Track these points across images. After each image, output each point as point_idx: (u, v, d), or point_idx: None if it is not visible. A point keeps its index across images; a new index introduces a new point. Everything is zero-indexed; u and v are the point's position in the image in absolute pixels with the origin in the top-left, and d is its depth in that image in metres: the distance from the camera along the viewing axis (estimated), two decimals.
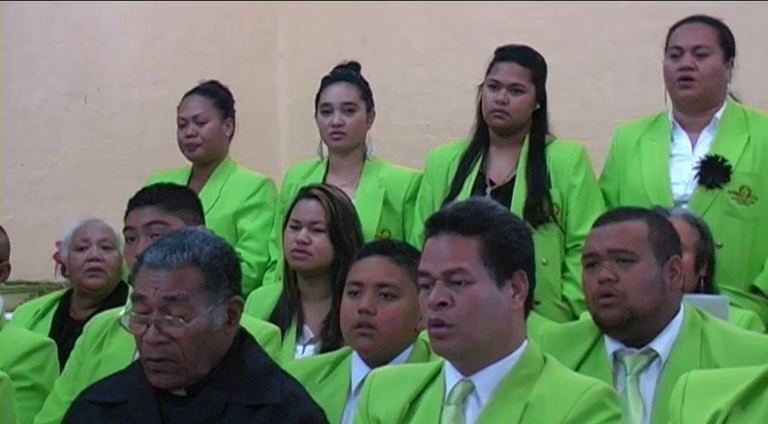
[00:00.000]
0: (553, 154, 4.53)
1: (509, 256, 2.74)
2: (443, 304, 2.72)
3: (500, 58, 4.55)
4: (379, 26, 6.24)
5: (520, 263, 2.75)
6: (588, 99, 5.86)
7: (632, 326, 3.18)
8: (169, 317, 2.81)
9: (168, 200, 3.62)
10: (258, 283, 4.73)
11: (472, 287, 2.72)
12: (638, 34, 5.46)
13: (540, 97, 4.56)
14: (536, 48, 4.77)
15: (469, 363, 2.75)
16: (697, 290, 3.81)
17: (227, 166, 4.99)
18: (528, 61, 4.54)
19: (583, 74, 5.90)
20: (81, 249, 4.76)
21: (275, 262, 4.72)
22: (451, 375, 2.79)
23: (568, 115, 5.55)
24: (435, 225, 2.78)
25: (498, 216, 2.76)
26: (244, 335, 2.95)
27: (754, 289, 4.34)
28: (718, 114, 4.47)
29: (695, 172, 4.40)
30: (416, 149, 5.35)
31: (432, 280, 2.74)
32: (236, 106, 5.09)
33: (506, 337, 2.75)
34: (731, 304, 3.92)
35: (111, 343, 3.57)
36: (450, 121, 5.42)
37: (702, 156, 4.40)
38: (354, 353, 3.34)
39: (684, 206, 4.33)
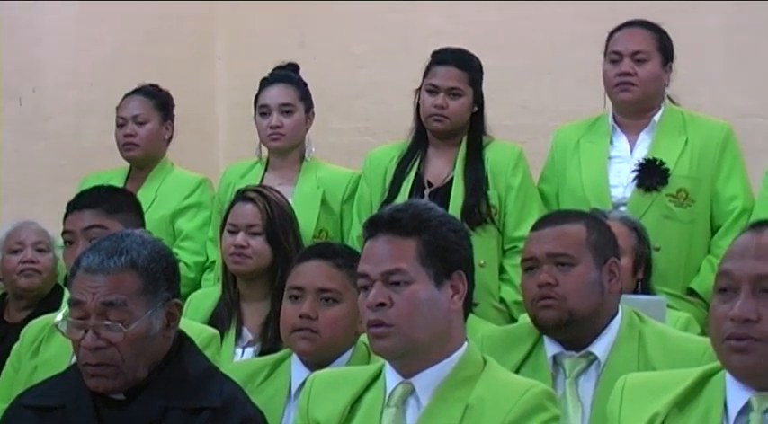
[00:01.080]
0: (491, 155, 4.55)
1: (447, 257, 2.75)
2: (382, 304, 2.72)
3: (437, 62, 4.58)
4: (319, 29, 6.24)
5: (458, 264, 2.76)
6: (527, 102, 5.88)
7: (571, 328, 3.20)
8: (107, 322, 2.79)
9: (108, 204, 3.60)
10: (197, 283, 4.72)
11: (411, 287, 2.72)
12: (576, 38, 5.49)
13: (478, 99, 4.59)
14: (475, 52, 4.79)
15: (409, 364, 2.76)
16: (635, 293, 3.84)
17: (164, 168, 4.98)
18: (465, 64, 4.57)
19: (522, 77, 5.92)
20: (15, 251, 4.73)
21: (213, 262, 4.71)
22: (391, 378, 2.79)
23: (507, 118, 5.58)
24: (374, 226, 2.79)
25: (436, 218, 2.77)
26: (183, 338, 2.93)
27: (691, 292, 4.39)
28: (657, 117, 4.51)
29: (633, 174, 4.44)
30: (355, 151, 5.34)
31: (371, 281, 2.74)
32: (174, 108, 5.07)
33: (446, 338, 2.76)
34: (668, 306, 3.97)
35: (48, 348, 3.53)
36: (388, 124, 5.42)
37: (641, 159, 4.44)
38: (294, 356, 3.34)
39: (623, 208, 4.37)
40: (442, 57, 4.58)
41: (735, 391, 2.53)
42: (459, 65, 4.55)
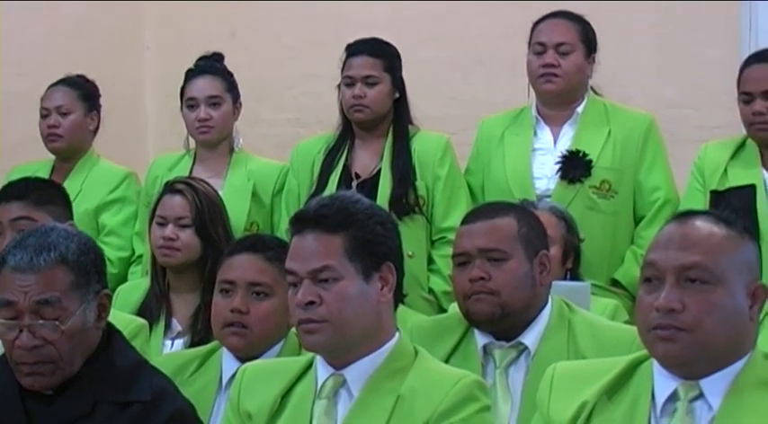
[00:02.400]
0: (418, 146, 4.56)
1: (375, 250, 2.75)
2: (312, 302, 2.72)
3: (351, 54, 4.58)
4: (249, 19, 6.21)
5: (387, 256, 2.76)
6: (458, 93, 5.91)
7: (503, 321, 3.22)
8: (42, 321, 2.77)
9: (36, 195, 3.57)
10: (120, 279, 4.68)
11: (339, 283, 2.72)
12: (506, 30, 5.51)
13: (398, 85, 4.59)
14: (405, 43, 4.80)
15: (340, 356, 2.76)
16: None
17: (90, 160, 4.92)
18: (378, 52, 4.57)
19: (452, 68, 5.94)
20: None
21: (140, 256, 4.68)
22: (323, 369, 2.79)
23: (438, 109, 5.60)
24: (300, 222, 2.78)
25: (362, 211, 2.77)
26: (111, 331, 2.92)
27: (615, 282, 4.42)
28: (580, 109, 4.54)
29: (557, 166, 4.46)
30: (286, 143, 5.32)
31: (299, 279, 2.74)
32: (103, 99, 5.03)
33: (377, 330, 2.76)
34: (594, 294, 4.01)
35: None
36: (320, 115, 5.41)
37: (564, 151, 4.46)
38: (224, 347, 3.33)
39: (548, 199, 4.38)
40: (355, 49, 4.59)
41: (662, 379, 2.56)
42: (372, 53, 4.56)
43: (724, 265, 2.52)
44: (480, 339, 3.25)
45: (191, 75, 4.76)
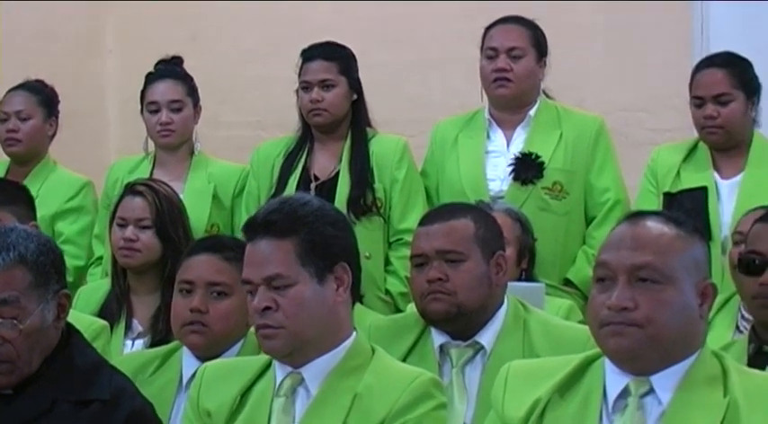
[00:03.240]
0: (376, 148, 4.57)
1: (327, 251, 2.75)
2: (268, 308, 2.72)
3: (306, 59, 4.60)
4: (209, 23, 6.21)
5: (340, 256, 2.77)
6: (415, 96, 5.93)
7: (459, 320, 3.23)
8: (1, 320, 2.76)
9: (0, 195, 3.55)
10: (73, 287, 4.65)
11: (294, 288, 2.73)
12: (462, 34, 5.52)
13: (355, 87, 4.60)
14: (363, 47, 4.81)
15: (298, 358, 2.77)
16: (518, 281, 3.89)
17: (47, 166, 4.89)
18: (332, 55, 4.59)
19: (410, 72, 5.96)
20: None
21: (100, 258, 4.66)
22: (281, 368, 2.80)
23: (396, 112, 5.61)
24: (251, 230, 2.78)
25: (312, 213, 2.76)
26: (70, 331, 2.91)
27: (567, 282, 4.45)
28: (532, 112, 4.57)
29: (510, 168, 4.48)
30: (246, 145, 5.32)
31: (255, 287, 2.75)
32: (64, 102, 5.00)
33: (334, 329, 2.77)
34: (547, 295, 4.03)
35: None
36: (280, 118, 5.40)
37: (517, 153, 4.49)
38: (185, 347, 3.33)
39: (502, 201, 4.42)
40: (310, 53, 4.60)
41: (613, 376, 2.57)
42: (327, 56, 4.57)
43: (674, 265, 2.54)
44: (437, 338, 3.27)
45: (151, 78, 4.75)
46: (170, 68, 4.78)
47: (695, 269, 2.58)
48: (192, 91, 4.75)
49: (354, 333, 2.82)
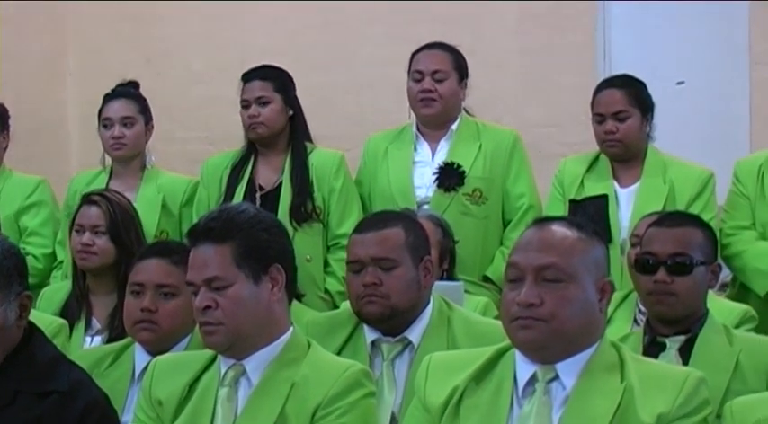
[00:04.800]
0: (315, 161, 4.58)
1: (262, 254, 2.76)
2: (208, 307, 2.73)
3: (245, 81, 4.61)
4: (162, 48, 6.19)
5: (274, 258, 2.78)
6: (350, 114, 5.94)
7: (392, 320, 3.24)
8: None
9: None
10: (45, 273, 4.67)
11: (231, 288, 2.74)
12: (391, 57, 5.55)
13: (290, 103, 4.60)
14: (303, 69, 4.82)
15: (238, 352, 2.77)
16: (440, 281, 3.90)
17: (3, 173, 4.88)
18: (268, 75, 4.60)
19: (345, 92, 5.97)
20: None
21: (62, 262, 4.64)
22: (225, 360, 2.80)
23: (332, 129, 5.62)
24: (193, 236, 2.80)
25: (248, 220, 2.78)
26: (32, 329, 2.89)
27: (486, 279, 4.48)
28: (454, 126, 4.59)
29: (435, 177, 4.51)
30: (197, 159, 5.31)
31: (197, 287, 2.76)
32: (30, 120, 4.99)
33: (270, 325, 2.78)
34: (467, 291, 4.06)
35: None
36: (227, 133, 5.39)
37: (441, 163, 4.52)
38: (137, 343, 3.33)
39: (426, 207, 4.45)
40: (248, 76, 4.61)
41: (523, 365, 2.60)
42: (263, 77, 4.58)
43: (576, 264, 2.57)
44: (369, 334, 3.28)
45: (108, 98, 4.77)
46: (125, 89, 4.79)
47: (595, 268, 2.60)
48: (145, 110, 4.75)
49: (291, 328, 2.82)
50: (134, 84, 4.82)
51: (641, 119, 4.39)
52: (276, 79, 4.60)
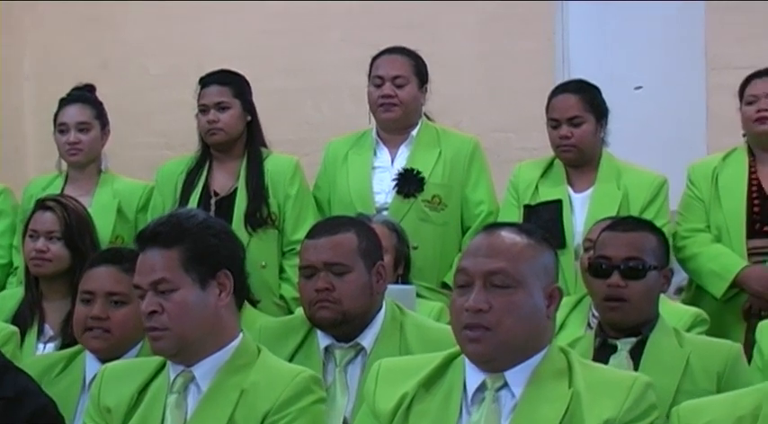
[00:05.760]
0: (270, 167, 4.58)
1: (210, 260, 2.76)
2: (154, 311, 2.73)
3: (203, 85, 4.61)
4: (119, 52, 6.18)
5: (222, 264, 2.77)
6: (309, 119, 5.95)
7: (344, 326, 3.24)
8: None
9: None
10: (1, 285, 4.64)
11: (177, 293, 2.73)
12: (350, 62, 5.57)
13: (248, 109, 4.60)
14: (262, 74, 4.82)
15: (186, 358, 2.77)
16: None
17: None
18: (226, 80, 4.60)
19: (304, 97, 5.98)
20: None
21: (17, 268, 4.62)
22: (174, 367, 2.80)
23: (291, 133, 5.63)
24: (141, 241, 2.80)
25: (196, 225, 2.77)
26: None
27: (445, 285, 4.48)
28: (414, 132, 4.61)
29: (394, 182, 4.52)
30: (155, 164, 5.28)
31: (144, 292, 2.76)
32: None
33: (218, 331, 2.78)
34: (424, 297, 4.08)
35: None
36: (184, 138, 5.39)
37: (400, 169, 4.53)
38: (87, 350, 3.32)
39: (385, 212, 4.45)
40: (206, 80, 4.62)
41: (472, 372, 2.62)
42: (221, 82, 4.58)
43: (524, 270, 2.58)
44: (322, 340, 3.27)
45: (63, 103, 4.74)
46: (81, 94, 4.77)
47: (544, 274, 2.62)
48: (101, 115, 4.74)
49: (241, 334, 2.82)
50: (90, 88, 4.80)
51: (596, 125, 4.41)
52: (235, 84, 4.60)
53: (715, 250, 4.35)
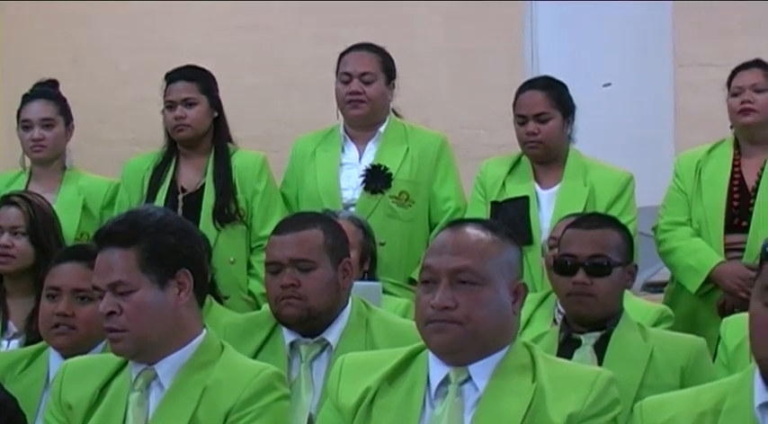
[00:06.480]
0: (238, 163, 4.56)
1: (169, 259, 2.72)
2: (113, 312, 2.71)
3: (170, 81, 4.58)
4: (89, 48, 6.15)
5: (181, 263, 2.74)
6: (279, 115, 5.94)
7: (310, 322, 3.23)
8: None
9: None
10: None
11: (136, 294, 2.70)
12: (320, 58, 5.55)
13: (215, 105, 4.58)
14: (232, 71, 4.80)
15: (146, 357, 2.74)
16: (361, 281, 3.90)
17: None
18: (193, 76, 4.57)
19: (274, 93, 5.97)
20: None
21: None
22: (135, 365, 2.77)
23: (262, 130, 5.62)
24: (99, 240, 2.76)
25: (154, 223, 2.74)
26: None
27: (411, 281, 4.47)
28: (382, 129, 4.59)
29: (361, 179, 4.51)
30: (124, 160, 5.27)
31: (102, 293, 2.73)
32: None
33: (179, 330, 2.74)
34: (391, 293, 4.06)
35: None
36: (154, 135, 5.35)
37: (368, 165, 4.52)
38: (52, 347, 3.29)
39: (352, 209, 4.44)
40: (173, 76, 4.59)
41: (436, 366, 2.60)
42: (188, 78, 4.56)
43: (490, 267, 2.58)
44: (287, 336, 3.26)
45: (26, 99, 4.71)
46: (44, 90, 4.72)
47: (509, 270, 2.61)
48: (65, 110, 4.70)
49: (204, 331, 2.79)
50: (53, 84, 4.76)
51: (562, 121, 4.41)
52: (201, 80, 4.58)
53: (693, 244, 4.35)
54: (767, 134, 4.38)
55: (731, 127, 4.45)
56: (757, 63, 4.42)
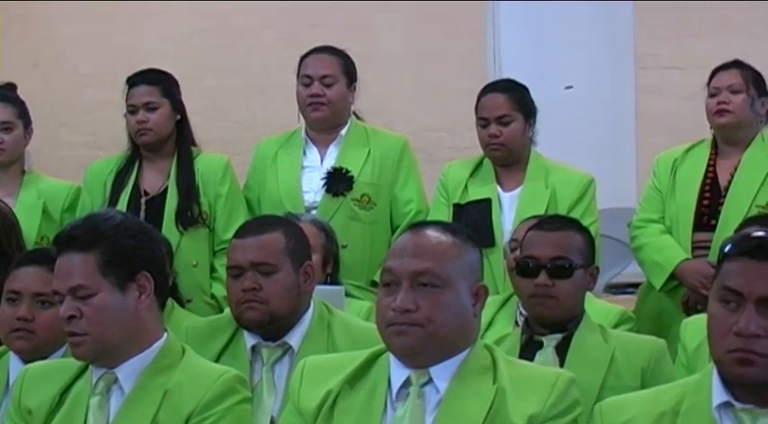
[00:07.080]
0: (201, 166, 4.55)
1: (128, 262, 2.72)
2: (73, 316, 2.70)
3: (131, 85, 4.57)
4: (50, 51, 6.12)
5: (141, 266, 2.73)
6: (242, 118, 5.93)
7: (271, 326, 3.23)
8: None
9: None
10: None
11: (95, 297, 2.69)
12: (282, 62, 5.55)
13: (178, 108, 4.57)
14: (195, 74, 4.78)
15: (107, 361, 2.74)
16: (324, 285, 3.90)
17: None
18: (155, 80, 4.56)
19: (237, 96, 5.97)
20: None
21: None
22: (96, 369, 2.76)
23: (224, 133, 5.62)
24: (58, 244, 2.76)
25: (113, 227, 2.73)
26: None
27: (374, 283, 4.48)
28: (343, 131, 4.59)
29: (323, 182, 4.51)
30: (85, 163, 5.23)
31: (62, 297, 2.72)
32: None
33: (140, 333, 2.74)
34: (354, 296, 4.06)
35: None
36: (115, 138, 5.33)
37: (329, 168, 4.52)
38: (12, 352, 3.27)
39: (314, 212, 4.45)
40: (134, 80, 4.57)
41: (397, 369, 2.62)
42: (150, 81, 4.55)
43: (450, 270, 2.59)
44: (249, 339, 3.26)
45: None
46: (2, 92, 4.69)
47: (469, 272, 2.62)
48: (24, 114, 4.67)
49: (165, 335, 2.79)
50: (11, 86, 4.74)
51: (524, 124, 4.42)
52: (163, 83, 4.56)
53: (662, 241, 4.38)
54: (743, 135, 4.42)
55: (711, 127, 4.49)
56: (736, 64, 4.45)
